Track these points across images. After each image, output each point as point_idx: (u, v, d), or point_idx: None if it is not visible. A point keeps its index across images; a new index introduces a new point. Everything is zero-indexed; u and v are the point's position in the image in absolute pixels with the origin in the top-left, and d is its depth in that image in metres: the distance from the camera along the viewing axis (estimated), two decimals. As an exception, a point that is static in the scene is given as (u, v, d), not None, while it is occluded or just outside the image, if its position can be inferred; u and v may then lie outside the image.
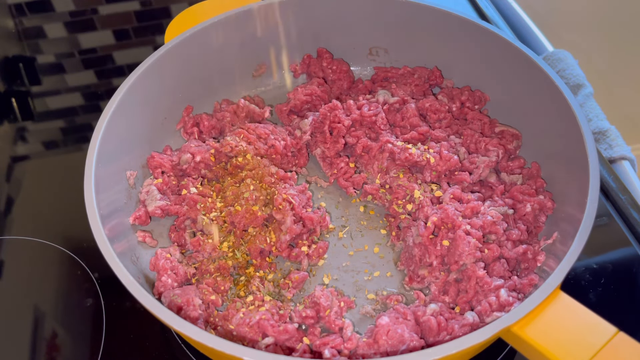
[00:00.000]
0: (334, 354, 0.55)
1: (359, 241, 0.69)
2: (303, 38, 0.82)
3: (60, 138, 0.90)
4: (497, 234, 0.62)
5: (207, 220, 0.66)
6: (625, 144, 0.83)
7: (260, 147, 0.71)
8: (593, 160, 0.58)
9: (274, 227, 0.65)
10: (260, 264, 0.65)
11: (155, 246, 0.67)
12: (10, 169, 0.83)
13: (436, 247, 0.61)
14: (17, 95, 0.96)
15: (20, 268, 0.71)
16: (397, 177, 0.69)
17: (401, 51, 0.82)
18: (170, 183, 0.70)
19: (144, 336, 0.64)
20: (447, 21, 0.75)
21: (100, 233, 0.54)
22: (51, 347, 0.63)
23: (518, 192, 0.66)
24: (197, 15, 0.78)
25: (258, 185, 0.67)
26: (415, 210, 0.66)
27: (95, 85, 0.97)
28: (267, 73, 0.84)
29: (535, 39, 1.00)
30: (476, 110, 0.76)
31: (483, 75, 0.76)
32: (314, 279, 0.65)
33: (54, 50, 1.04)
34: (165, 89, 0.73)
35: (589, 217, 0.53)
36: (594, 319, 0.48)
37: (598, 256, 0.69)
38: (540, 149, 0.70)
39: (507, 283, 0.59)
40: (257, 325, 0.56)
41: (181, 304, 0.57)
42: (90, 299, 0.67)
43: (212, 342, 0.46)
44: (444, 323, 0.56)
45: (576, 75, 0.90)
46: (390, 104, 0.76)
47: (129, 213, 0.67)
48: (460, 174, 0.69)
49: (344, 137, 0.73)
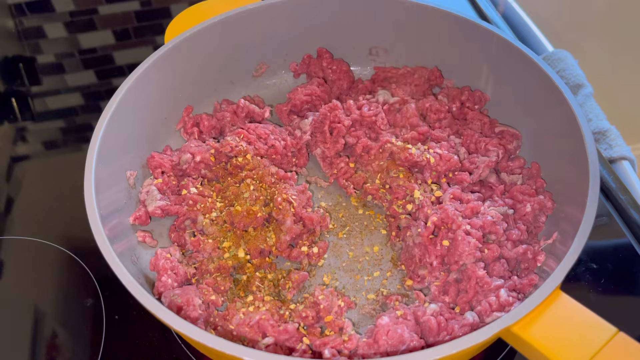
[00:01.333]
0: (334, 354, 0.55)
1: (358, 241, 0.69)
2: (303, 38, 0.82)
3: (60, 138, 0.90)
4: (497, 234, 0.62)
5: (207, 220, 0.66)
6: (625, 144, 0.83)
7: (260, 147, 0.71)
8: (593, 160, 0.58)
9: (274, 227, 0.65)
10: (260, 264, 0.65)
11: (156, 246, 0.67)
12: (10, 169, 0.83)
13: (436, 247, 0.61)
14: (17, 95, 0.96)
15: (20, 268, 0.71)
16: (397, 177, 0.69)
17: (401, 51, 0.82)
18: (170, 183, 0.70)
19: (144, 336, 0.64)
20: (447, 21, 0.75)
21: (100, 233, 0.54)
22: (51, 347, 0.63)
23: (518, 192, 0.67)
24: (197, 15, 0.78)
25: (258, 185, 0.67)
26: (415, 210, 0.66)
27: (95, 85, 0.97)
28: (267, 73, 0.84)
29: (535, 39, 1.00)
30: (476, 110, 0.76)
31: (483, 75, 0.76)
32: (314, 279, 0.65)
33: (54, 50, 1.04)
34: (165, 89, 0.73)
35: (589, 217, 0.53)
36: (594, 319, 0.48)
37: (598, 256, 0.69)
38: (540, 149, 0.70)
39: (507, 283, 0.59)
40: (257, 325, 0.56)
41: (181, 304, 0.57)
42: (90, 299, 0.67)
43: (212, 342, 0.46)
44: (444, 323, 0.56)
45: (576, 75, 0.90)
46: (390, 104, 0.76)
47: (129, 213, 0.67)
48: (460, 174, 0.69)
49: (344, 137, 0.73)
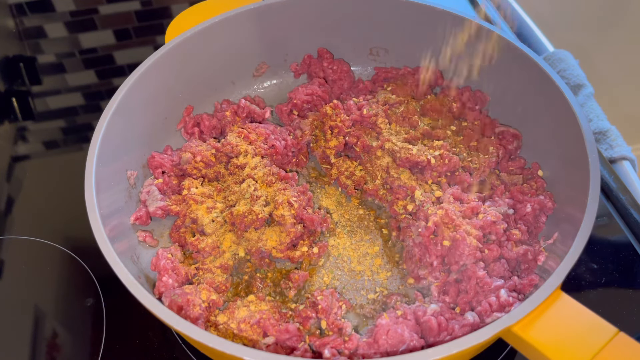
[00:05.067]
0: (334, 354, 0.55)
1: (359, 241, 0.69)
2: (303, 38, 0.82)
3: (60, 138, 0.90)
4: (497, 234, 0.62)
5: (208, 220, 0.66)
6: (625, 144, 0.83)
7: (260, 147, 0.71)
8: (593, 160, 0.58)
9: (274, 228, 0.65)
10: (260, 263, 0.65)
11: (156, 246, 0.67)
12: (11, 168, 0.83)
13: (436, 247, 0.61)
14: (17, 95, 0.96)
15: (21, 268, 0.71)
16: (397, 177, 0.69)
17: (401, 51, 0.82)
18: (170, 183, 0.70)
19: (145, 336, 0.64)
20: (447, 21, 0.75)
21: (100, 233, 0.55)
22: (51, 347, 0.63)
23: (518, 192, 0.67)
24: (197, 15, 0.78)
25: (258, 185, 0.67)
26: (415, 210, 0.66)
27: (96, 85, 0.97)
28: (268, 73, 0.84)
29: (535, 39, 1.00)
30: (476, 111, 0.76)
31: (483, 75, 0.76)
32: (314, 279, 0.65)
33: (55, 50, 1.04)
34: (166, 89, 0.73)
35: (590, 217, 0.53)
36: (594, 319, 0.48)
37: (598, 256, 0.69)
38: (541, 149, 0.70)
39: (507, 283, 0.59)
40: (257, 324, 0.56)
41: (182, 303, 0.57)
42: (90, 299, 0.67)
43: (212, 342, 0.46)
44: (444, 323, 0.56)
45: (577, 76, 0.90)
46: (390, 104, 0.76)
47: (129, 213, 0.67)
48: (461, 174, 0.69)
49: (344, 137, 0.73)
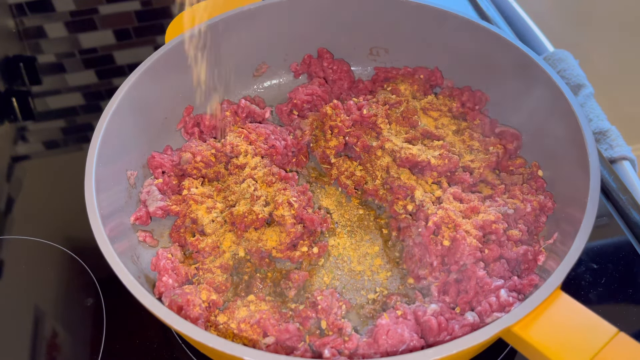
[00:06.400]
0: (334, 354, 0.55)
1: (359, 241, 0.69)
2: (304, 38, 0.82)
3: (60, 138, 0.90)
4: (497, 234, 0.62)
5: (208, 220, 0.66)
6: (625, 144, 0.83)
7: (260, 147, 0.71)
8: (593, 160, 0.58)
9: (274, 228, 0.65)
10: (260, 263, 0.65)
11: (156, 246, 0.67)
12: (11, 168, 0.83)
13: (436, 247, 0.61)
14: (17, 95, 0.96)
15: (20, 268, 0.71)
16: (397, 177, 0.69)
17: (401, 51, 0.82)
18: (170, 183, 0.70)
19: (145, 336, 0.64)
20: (447, 21, 0.75)
21: (100, 233, 0.55)
22: (51, 347, 0.63)
23: (518, 192, 0.66)
24: (197, 15, 0.78)
25: (259, 185, 0.67)
26: (415, 210, 0.66)
27: (96, 85, 0.97)
28: (268, 73, 0.84)
29: (535, 39, 1.00)
30: (476, 111, 0.76)
31: (483, 75, 0.76)
32: (314, 279, 0.65)
33: (55, 50, 1.04)
34: (166, 89, 0.73)
35: (590, 218, 0.53)
36: (594, 319, 0.48)
37: (598, 256, 0.69)
38: (541, 149, 0.70)
39: (507, 283, 0.59)
40: (257, 324, 0.56)
41: (182, 303, 0.57)
42: (90, 299, 0.67)
43: (212, 342, 0.46)
44: (444, 323, 0.56)
45: (577, 76, 0.90)
46: (390, 104, 0.76)
47: (129, 213, 0.67)
48: (461, 174, 0.69)
49: (344, 137, 0.73)
